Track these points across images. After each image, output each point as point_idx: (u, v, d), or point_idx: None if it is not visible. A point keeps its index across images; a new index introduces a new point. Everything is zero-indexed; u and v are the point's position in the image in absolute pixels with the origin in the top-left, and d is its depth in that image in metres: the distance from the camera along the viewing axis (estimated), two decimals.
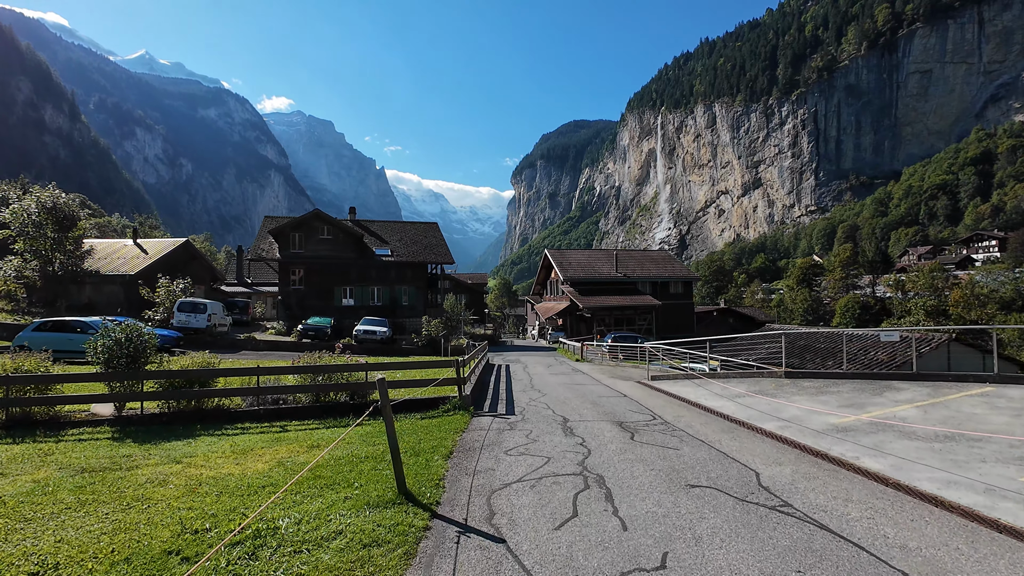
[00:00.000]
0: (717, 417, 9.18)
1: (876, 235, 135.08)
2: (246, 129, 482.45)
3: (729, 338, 19.68)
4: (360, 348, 25.08)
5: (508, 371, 18.69)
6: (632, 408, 10.44)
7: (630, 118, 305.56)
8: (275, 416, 9.25)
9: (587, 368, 20.52)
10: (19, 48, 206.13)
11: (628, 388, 13.76)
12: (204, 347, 21.72)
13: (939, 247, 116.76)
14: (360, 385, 9.74)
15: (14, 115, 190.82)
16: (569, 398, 11.77)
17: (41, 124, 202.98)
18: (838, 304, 58.01)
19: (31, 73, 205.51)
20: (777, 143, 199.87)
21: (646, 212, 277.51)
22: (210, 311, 23.58)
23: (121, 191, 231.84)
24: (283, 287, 31.29)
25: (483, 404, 10.70)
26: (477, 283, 76.64)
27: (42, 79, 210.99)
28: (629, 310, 40.41)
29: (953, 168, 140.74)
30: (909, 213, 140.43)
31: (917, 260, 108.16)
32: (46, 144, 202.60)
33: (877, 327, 49.23)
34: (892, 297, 63.71)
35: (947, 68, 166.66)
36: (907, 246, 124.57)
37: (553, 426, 8.54)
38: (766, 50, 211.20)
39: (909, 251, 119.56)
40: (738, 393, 11.10)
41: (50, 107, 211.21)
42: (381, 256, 33.15)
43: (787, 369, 13.29)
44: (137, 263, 28.87)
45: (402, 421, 8.78)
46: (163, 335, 19.22)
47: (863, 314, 52.15)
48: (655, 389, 13.16)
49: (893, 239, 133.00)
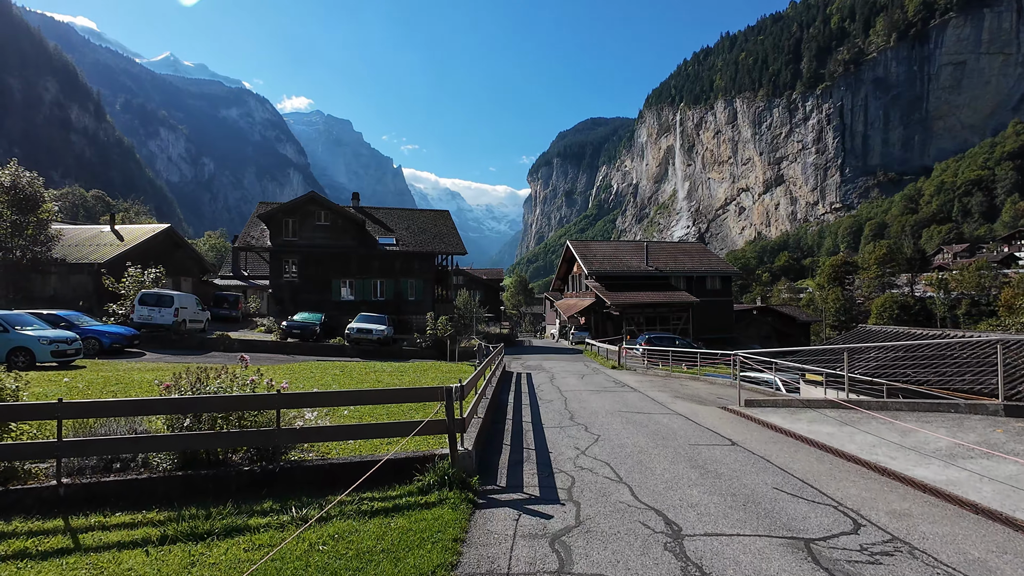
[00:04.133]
0: (999, 525, 4.49)
1: (907, 233, 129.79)
2: (266, 128, 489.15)
3: (826, 349, 14.21)
4: (355, 350, 22.66)
5: (531, 385, 15.08)
6: (774, 479, 5.80)
7: (648, 115, 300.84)
8: (96, 501, 4.72)
9: (631, 380, 16.71)
10: (47, 49, 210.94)
11: (722, 422, 9.36)
12: (168, 347, 19.66)
13: (976, 245, 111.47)
14: (269, 435, 5.28)
15: (41, 114, 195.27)
16: (643, 446, 7.35)
17: (67, 123, 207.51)
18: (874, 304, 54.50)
19: (58, 73, 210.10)
20: (801, 138, 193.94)
21: (664, 210, 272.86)
22: (178, 305, 20.70)
23: (144, 189, 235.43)
24: (275, 279, 28.52)
25: (495, 466, 6.36)
26: (493, 279, 74.34)
27: (68, 79, 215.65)
28: (662, 308, 36.84)
29: (989, 163, 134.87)
30: (941, 210, 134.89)
31: (953, 258, 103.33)
32: (72, 143, 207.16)
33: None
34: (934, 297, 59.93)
35: (982, 59, 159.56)
36: (940, 244, 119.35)
37: (650, 548, 4.06)
38: (789, 43, 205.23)
39: (943, 249, 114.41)
40: (955, 449, 6.50)
41: (76, 107, 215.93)
42: (385, 245, 30.41)
43: (1010, 402, 7.83)
44: (108, 251, 26.21)
45: (333, 525, 4.33)
46: (113, 332, 17.02)
47: (901, 315, 48.78)
48: (776, 429, 8.53)
49: (925, 237, 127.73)
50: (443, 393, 5.63)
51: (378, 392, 7.13)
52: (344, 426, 6.37)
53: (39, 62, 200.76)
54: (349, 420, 7.30)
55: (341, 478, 5.22)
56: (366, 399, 6.71)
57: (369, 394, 6.90)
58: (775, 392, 12.50)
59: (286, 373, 13.01)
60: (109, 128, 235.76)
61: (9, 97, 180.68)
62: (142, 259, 23.92)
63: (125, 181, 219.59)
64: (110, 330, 17.16)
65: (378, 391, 6.91)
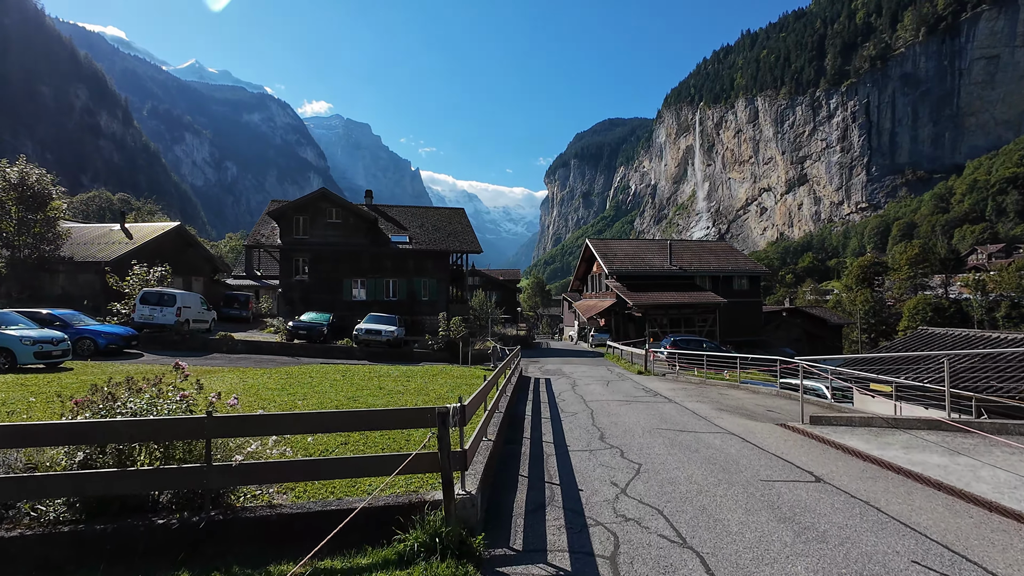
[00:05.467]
0: None
1: (937, 233, 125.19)
2: (287, 133, 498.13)
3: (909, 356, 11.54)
4: (364, 352, 21.60)
5: (551, 393, 13.39)
6: (905, 545, 4.06)
7: (667, 114, 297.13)
8: None
9: (663, 388, 15.24)
10: (78, 58, 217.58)
11: (790, 446, 7.51)
12: (169, 347, 18.99)
13: (1012, 245, 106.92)
14: (197, 475, 3.95)
15: (72, 120, 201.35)
16: (700, 483, 5.69)
17: (97, 129, 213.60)
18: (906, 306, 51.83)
19: (88, 81, 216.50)
20: (825, 137, 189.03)
21: (683, 211, 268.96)
22: (180, 304, 19.95)
23: (170, 193, 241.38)
24: (284, 278, 27.71)
25: (508, 513, 4.82)
26: (509, 279, 73.31)
27: (98, 87, 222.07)
28: (687, 309, 35.05)
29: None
30: (974, 209, 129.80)
31: (988, 259, 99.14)
32: (101, 148, 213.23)
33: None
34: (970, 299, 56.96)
35: (1017, 52, 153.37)
36: (974, 244, 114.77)
37: None
38: (813, 40, 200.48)
39: (977, 249, 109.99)
40: None
41: (105, 113, 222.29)
42: (397, 244, 29.54)
43: None
44: (115, 249, 25.51)
45: None
46: (109, 333, 16.12)
47: (935, 317, 46.30)
48: (864, 458, 6.65)
49: (957, 237, 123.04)
50: (435, 417, 4.05)
51: (349, 415, 4.92)
52: (301, 461, 4.45)
53: (70, 70, 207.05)
54: (315, 449, 5.73)
55: (297, 534, 3.91)
56: (333, 424, 4.65)
57: (336, 418, 4.79)
58: (839, 406, 10.47)
59: (280, 378, 12.05)
60: (136, 133, 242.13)
61: (42, 104, 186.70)
62: (151, 258, 23.37)
63: (151, 185, 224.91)
64: (106, 330, 16.30)
65: (349, 414, 4.89)
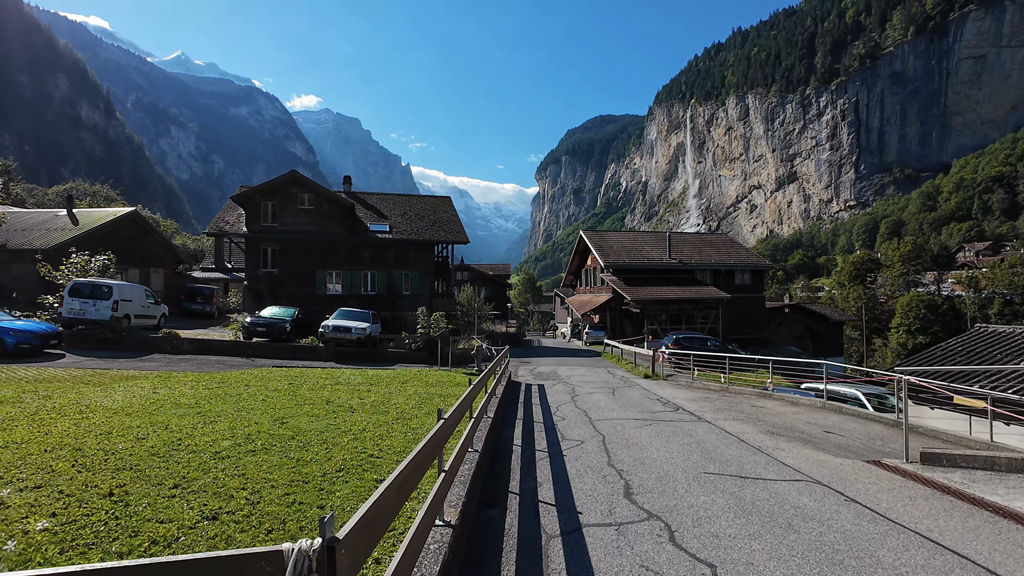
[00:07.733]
0: None
1: (924, 230, 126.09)
2: (276, 127, 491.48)
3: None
4: (331, 352, 19.01)
5: (546, 407, 11.26)
6: None
7: (658, 111, 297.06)
8: None
9: (681, 398, 12.92)
10: (57, 47, 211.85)
11: (920, 509, 5.02)
12: (101, 347, 16.24)
13: (999, 243, 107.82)
14: None
15: (51, 111, 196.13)
16: None
17: (77, 120, 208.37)
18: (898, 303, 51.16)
19: (68, 71, 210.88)
20: (815, 135, 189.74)
21: (674, 208, 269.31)
22: (118, 297, 17.19)
23: (154, 187, 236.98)
24: (251, 269, 25.08)
25: None
26: (500, 274, 71.88)
27: (79, 77, 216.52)
28: (688, 304, 33.26)
29: (1011, 159, 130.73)
30: (961, 207, 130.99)
31: (976, 256, 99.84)
32: (82, 140, 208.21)
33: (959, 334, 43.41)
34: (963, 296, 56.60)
35: (1003, 53, 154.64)
36: (961, 242, 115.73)
37: None
38: (803, 38, 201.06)
39: (965, 247, 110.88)
40: None
41: (86, 104, 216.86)
42: (377, 233, 27.32)
43: None
44: (56, 236, 22.83)
45: None
46: (20, 330, 13.51)
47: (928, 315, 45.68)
48: None
49: (944, 234, 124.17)
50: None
51: None
52: None
53: (49, 59, 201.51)
54: None
55: None
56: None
57: None
58: (947, 432, 8.12)
59: (206, 387, 9.93)
60: (119, 125, 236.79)
61: (19, 94, 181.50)
62: (101, 246, 21.00)
63: (135, 178, 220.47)
64: (16, 327, 13.65)
65: None
